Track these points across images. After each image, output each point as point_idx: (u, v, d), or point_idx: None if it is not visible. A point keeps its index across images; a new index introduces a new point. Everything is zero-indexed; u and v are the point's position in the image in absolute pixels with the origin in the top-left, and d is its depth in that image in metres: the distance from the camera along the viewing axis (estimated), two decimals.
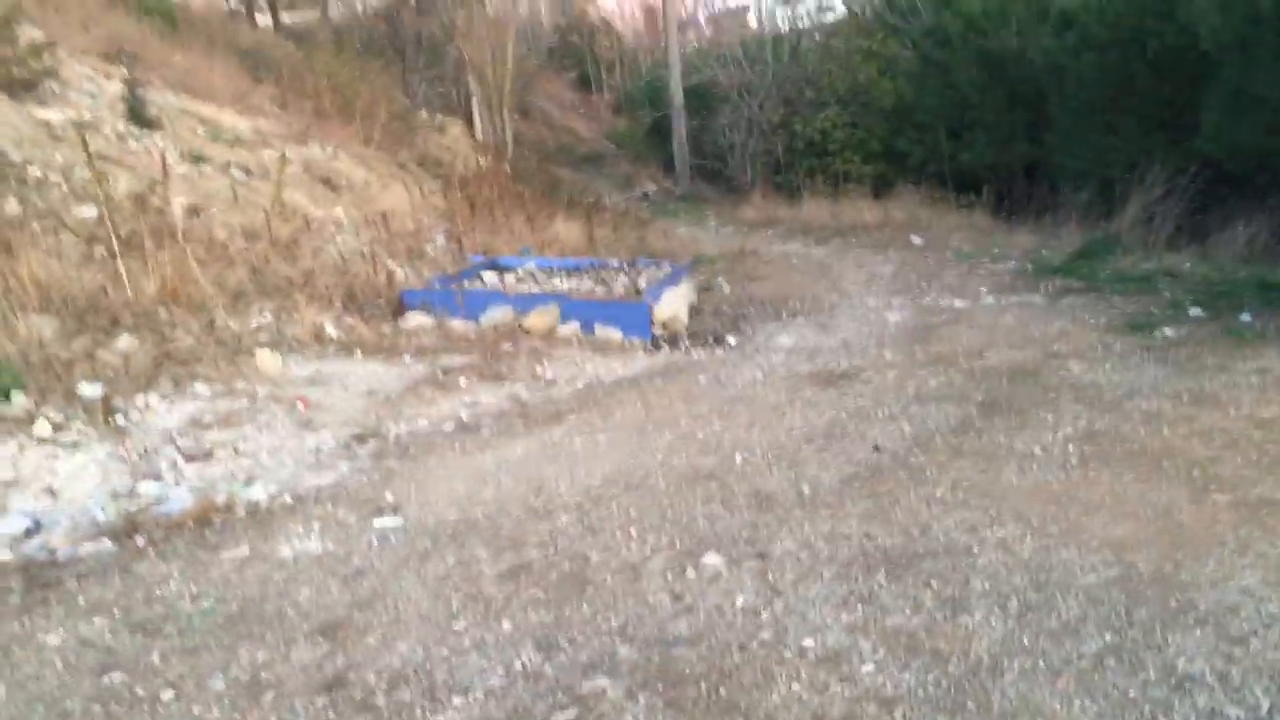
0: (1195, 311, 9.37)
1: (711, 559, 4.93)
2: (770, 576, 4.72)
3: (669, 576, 4.78)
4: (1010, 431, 6.51)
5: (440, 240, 14.16)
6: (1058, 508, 5.29)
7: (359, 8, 34.30)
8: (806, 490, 5.75)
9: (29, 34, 13.11)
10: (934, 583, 4.56)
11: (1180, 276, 10.75)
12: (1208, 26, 13.43)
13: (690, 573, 4.81)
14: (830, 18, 29.03)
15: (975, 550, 4.86)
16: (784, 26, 27.56)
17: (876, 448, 6.40)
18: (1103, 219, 14.15)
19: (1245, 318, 9.09)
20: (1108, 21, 15.28)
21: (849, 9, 26.64)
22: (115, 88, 13.22)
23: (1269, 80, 11.75)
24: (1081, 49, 15.80)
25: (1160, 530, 4.96)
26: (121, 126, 12.17)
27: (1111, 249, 12.52)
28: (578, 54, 46.28)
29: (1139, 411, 6.68)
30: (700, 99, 26.67)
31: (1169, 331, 8.80)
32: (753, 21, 29.47)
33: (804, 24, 27.91)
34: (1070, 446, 6.14)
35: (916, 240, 15.19)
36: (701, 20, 43.73)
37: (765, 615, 4.35)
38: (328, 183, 14.77)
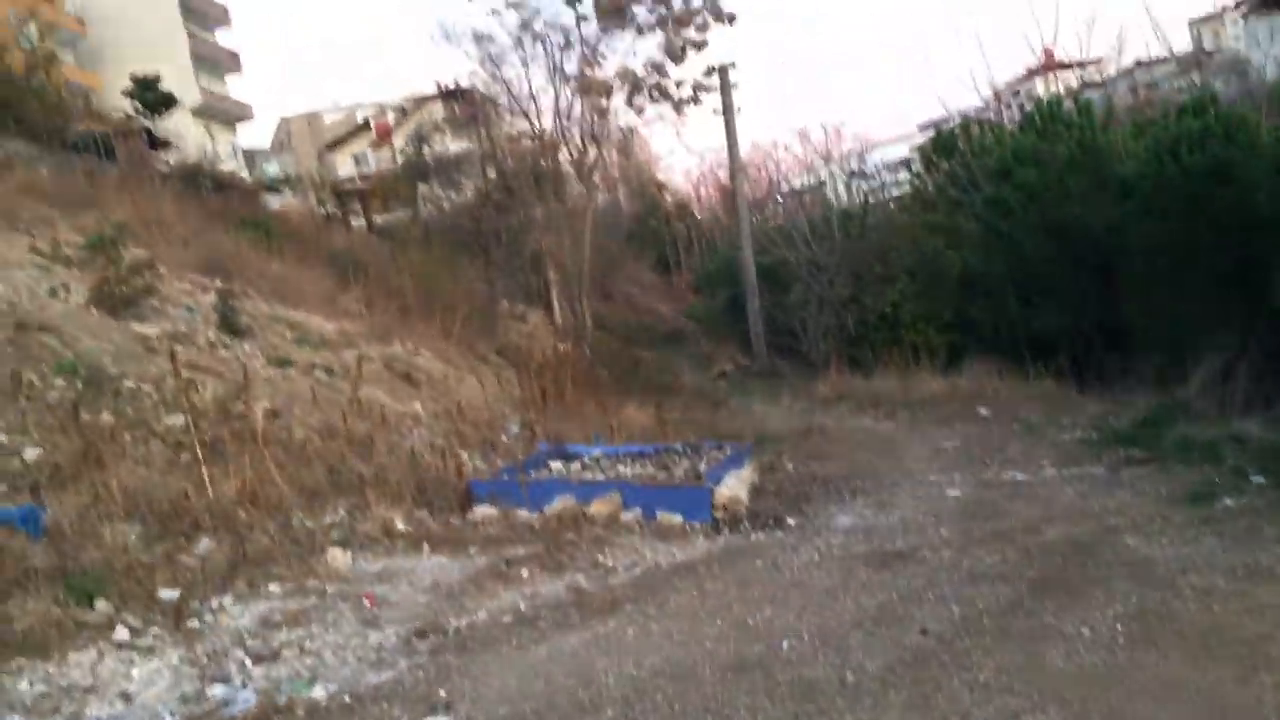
0: (1258, 479, 9.26)
1: None
2: None
3: None
4: (1059, 611, 6.50)
5: (514, 429, 14.61)
6: (1101, 691, 5.27)
7: (445, 206, 36.14)
8: (850, 678, 5.80)
9: (133, 253, 14.20)
10: None
11: (1247, 442, 10.62)
12: (1265, 190, 13.63)
13: None
14: (895, 191, 29.85)
15: None
16: (858, 197, 28.39)
17: (924, 631, 6.43)
18: (1175, 383, 14.06)
19: None
20: (1166, 189, 15.49)
21: (912, 184, 27.42)
22: (210, 299, 14.16)
23: None
24: (1143, 216, 15.99)
25: (1204, 714, 4.93)
26: (213, 336, 13.01)
27: (1179, 415, 12.43)
28: (656, 236, 47.87)
29: (1191, 588, 6.63)
30: (774, 276, 27.34)
31: (1229, 501, 8.71)
32: (830, 197, 30.33)
33: (871, 199, 28.66)
34: (1119, 626, 6.11)
35: (984, 412, 15.23)
36: (779, 197, 44.96)
37: None
38: (408, 378, 15.44)
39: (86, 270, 13.24)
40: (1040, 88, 36.49)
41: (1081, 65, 34.30)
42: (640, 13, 26.85)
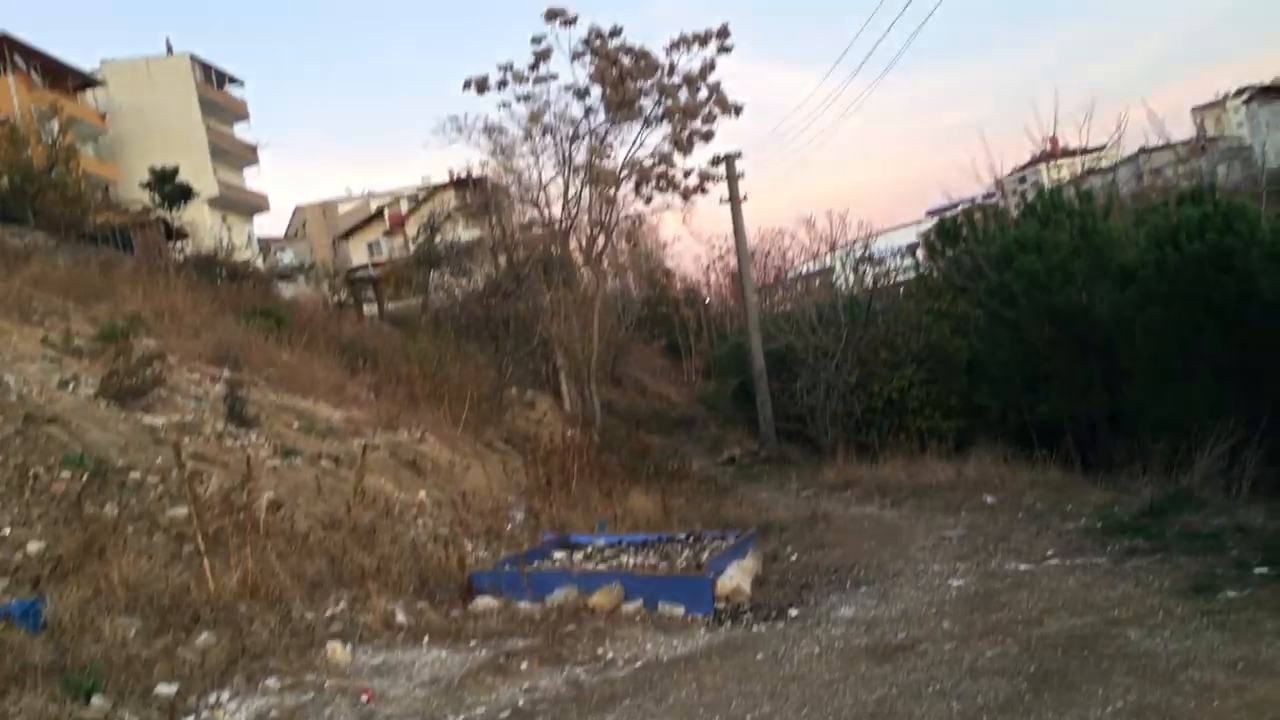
0: (1261, 570, 9.20)
1: None
2: None
3: None
4: (1059, 708, 6.44)
5: (519, 517, 14.61)
6: None
7: (456, 293, 36.58)
8: None
9: (144, 344, 14.39)
10: None
11: (1251, 532, 10.57)
12: (1267, 278, 13.74)
13: None
14: (901, 277, 30.13)
15: None
16: (865, 283, 28.65)
17: None
18: (1180, 469, 14.02)
19: None
20: (1168, 276, 15.62)
21: (917, 271, 27.68)
22: (219, 389, 14.30)
23: None
24: (1145, 302, 16.10)
25: None
26: (221, 426, 13.11)
27: (1184, 504, 12.35)
28: (665, 323, 48.27)
29: (1191, 683, 6.57)
30: (782, 362, 27.52)
31: (1231, 593, 8.65)
32: (838, 283, 30.63)
33: (877, 285, 28.91)
34: None
35: (989, 499, 15.17)
36: (786, 283, 45.35)
37: None
38: (413, 466, 15.47)
39: (97, 361, 13.41)
40: (1044, 174, 37.00)
41: (1085, 152, 34.82)
42: (648, 105, 27.51)
